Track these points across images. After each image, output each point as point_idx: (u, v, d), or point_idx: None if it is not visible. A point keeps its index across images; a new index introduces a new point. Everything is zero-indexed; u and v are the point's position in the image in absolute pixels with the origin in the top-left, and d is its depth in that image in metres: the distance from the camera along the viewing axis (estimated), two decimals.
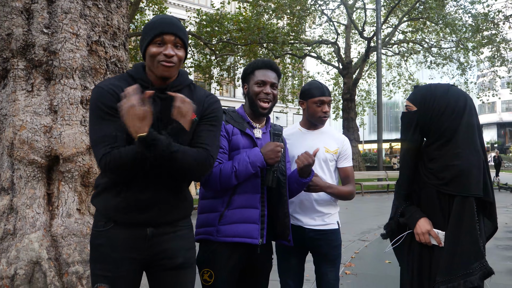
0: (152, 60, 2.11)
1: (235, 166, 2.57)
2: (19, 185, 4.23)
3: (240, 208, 2.66)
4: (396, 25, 25.88)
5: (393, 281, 5.57)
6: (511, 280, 5.79)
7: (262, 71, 2.81)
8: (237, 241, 2.64)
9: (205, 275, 2.66)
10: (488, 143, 59.60)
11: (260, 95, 2.77)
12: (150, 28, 2.13)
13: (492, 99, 29.68)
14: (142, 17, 20.18)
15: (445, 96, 2.47)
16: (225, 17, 18.82)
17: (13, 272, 4.02)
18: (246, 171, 2.58)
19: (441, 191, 2.43)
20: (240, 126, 2.75)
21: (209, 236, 2.67)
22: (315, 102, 3.19)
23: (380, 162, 22.91)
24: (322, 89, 3.21)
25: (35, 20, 4.12)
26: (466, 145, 2.39)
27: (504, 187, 21.53)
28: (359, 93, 33.08)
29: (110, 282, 2.17)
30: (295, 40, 22.02)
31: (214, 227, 2.65)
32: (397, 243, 2.67)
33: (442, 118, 2.43)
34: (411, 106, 2.56)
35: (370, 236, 9.01)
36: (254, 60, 2.90)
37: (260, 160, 2.59)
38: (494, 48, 24.27)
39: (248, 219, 2.67)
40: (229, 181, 2.58)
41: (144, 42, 2.13)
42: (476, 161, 2.37)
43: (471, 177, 2.34)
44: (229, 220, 2.64)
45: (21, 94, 4.15)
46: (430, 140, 2.51)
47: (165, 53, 2.08)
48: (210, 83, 22.85)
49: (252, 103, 2.81)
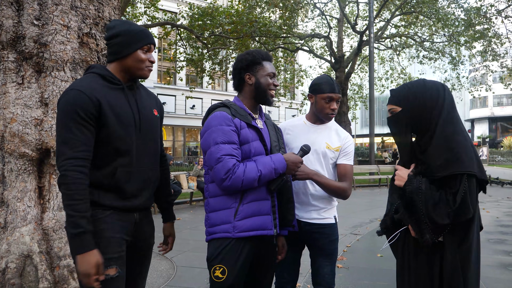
0: (140, 64, 2.45)
1: (260, 170, 2.56)
2: (10, 178, 4.20)
3: (253, 201, 2.65)
4: (388, 19, 25.88)
5: (384, 274, 5.60)
6: (502, 274, 5.83)
7: (269, 64, 2.85)
8: (254, 235, 2.63)
9: (217, 272, 2.63)
10: (479, 137, 60.00)
11: (271, 86, 2.81)
12: (140, 36, 2.45)
13: (484, 94, 29.83)
14: (133, 9, 20.08)
15: (423, 89, 2.52)
16: (217, 10, 18.75)
17: (4, 265, 4.00)
18: (269, 177, 2.59)
19: (435, 178, 2.43)
20: (246, 119, 2.73)
21: (225, 234, 2.63)
22: (323, 98, 3.17)
23: (372, 156, 23.02)
24: (332, 85, 3.18)
25: (25, 11, 4.08)
26: (450, 130, 2.42)
27: (495, 181, 21.67)
28: (351, 87, 33.12)
29: (118, 264, 2.33)
30: (288, 33, 21.98)
31: (231, 224, 2.62)
32: (393, 239, 2.68)
33: (425, 111, 2.47)
34: (395, 108, 2.59)
35: (362, 230, 9.04)
36: (257, 50, 2.87)
37: (284, 168, 2.62)
38: (486, 42, 24.38)
39: (262, 211, 2.66)
40: (252, 184, 2.56)
41: (133, 47, 2.43)
42: (462, 142, 2.40)
43: (461, 157, 2.36)
44: (244, 214, 2.62)
45: (12, 86, 4.11)
46: (420, 135, 2.54)
47: (151, 60, 2.50)
48: (202, 77, 22.82)
49: (262, 93, 2.81)
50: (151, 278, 5.33)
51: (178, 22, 20.10)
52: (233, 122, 2.65)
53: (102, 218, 2.32)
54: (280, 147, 2.88)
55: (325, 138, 3.25)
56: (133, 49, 2.42)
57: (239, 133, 2.66)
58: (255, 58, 2.82)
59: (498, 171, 29.86)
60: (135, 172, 2.43)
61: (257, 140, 2.72)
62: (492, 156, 47.12)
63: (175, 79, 36.74)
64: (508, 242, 7.94)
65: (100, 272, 2.15)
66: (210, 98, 39.68)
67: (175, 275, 5.71)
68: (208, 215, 2.74)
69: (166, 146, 39.96)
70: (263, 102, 2.84)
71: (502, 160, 46.76)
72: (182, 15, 20.33)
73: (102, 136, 2.30)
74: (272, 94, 2.82)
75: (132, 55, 2.42)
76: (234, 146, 2.60)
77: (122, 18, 6.08)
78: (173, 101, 38.43)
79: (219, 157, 2.54)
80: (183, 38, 20.39)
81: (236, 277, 2.63)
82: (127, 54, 2.42)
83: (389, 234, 2.72)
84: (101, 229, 2.29)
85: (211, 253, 2.67)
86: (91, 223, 2.17)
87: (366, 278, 5.59)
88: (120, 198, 2.39)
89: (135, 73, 2.47)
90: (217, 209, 2.68)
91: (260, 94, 2.81)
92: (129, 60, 2.43)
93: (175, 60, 22.28)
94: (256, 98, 2.83)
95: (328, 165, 3.25)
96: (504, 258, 6.66)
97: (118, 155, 2.36)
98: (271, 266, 2.93)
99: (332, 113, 3.21)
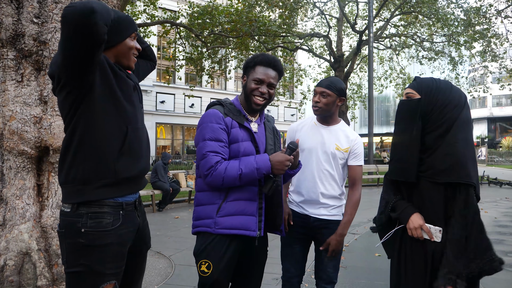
0: (128, 51, 2.40)
1: (241, 169, 2.57)
2: (9, 176, 4.20)
3: (238, 200, 2.67)
4: (388, 18, 25.86)
5: (382, 274, 5.62)
6: (499, 274, 5.81)
7: (263, 68, 2.78)
8: (235, 233, 2.65)
9: (203, 266, 2.67)
10: (478, 137, 59.99)
11: (255, 92, 2.76)
12: (129, 23, 2.39)
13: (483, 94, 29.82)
14: (133, 8, 20.05)
15: (450, 90, 2.53)
16: (216, 9, 18.71)
17: (3, 263, 4.00)
18: (251, 176, 2.59)
19: (436, 181, 2.45)
20: (238, 119, 2.74)
21: (207, 229, 2.67)
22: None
23: (371, 156, 23.00)
24: (319, 81, 3.31)
25: (25, 9, 4.08)
26: (462, 137, 2.43)
27: (493, 181, 21.69)
28: (351, 87, 33.10)
29: (117, 278, 2.27)
30: (287, 33, 21.96)
31: (212, 219, 2.66)
32: (388, 237, 2.69)
33: (444, 110, 2.48)
34: (414, 94, 2.57)
35: (360, 229, 9.05)
36: (258, 54, 2.85)
37: (267, 168, 2.60)
38: (485, 43, 24.36)
39: (246, 211, 2.68)
40: (233, 182, 2.59)
41: (123, 35, 2.37)
42: (469, 152, 2.42)
43: (467, 166, 2.38)
44: (227, 212, 2.65)
45: (11, 84, 4.11)
46: (427, 130, 2.53)
47: (137, 47, 2.46)
48: (201, 76, 22.74)
49: (247, 97, 2.81)
50: (149, 276, 5.33)
51: (178, 20, 20.04)
52: (223, 120, 2.68)
53: (111, 230, 2.23)
54: (275, 150, 2.88)
55: (334, 139, 3.30)
56: (123, 37, 2.37)
57: (229, 132, 2.69)
58: (250, 61, 2.83)
59: (496, 172, 29.87)
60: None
61: (248, 141, 2.74)
62: (490, 156, 47.13)
63: (174, 77, 36.68)
64: (506, 242, 7.95)
65: None
66: (209, 97, 39.64)
67: (173, 274, 5.71)
68: (195, 208, 2.79)
69: (165, 144, 39.97)
70: (248, 105, 2.83)
71: (501, 161, 46.78)
72: (182, 13, 20.29)
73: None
74: (256, 101, 2.77)
75: (122, 44, 2.37)
76: (221, 144, 2.63)
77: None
78: (172, 99, 38.38)
79: (204, 153, 2.60)
80: (183, 37, 20.34)
81: (221, 272, 2.66)
82: (116, 43, 2.35)
83: (383, 231, 2.73)
84: (109, 243, 2.21)
85: (197, 247, 2.71)
86: None
87: (364, 277, 5.60)
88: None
89: (122, 61, 2.40)
90: (203, 204, 2.73)
91: (246, 97, 2.82)
92: (119, 48, 2.36)
93: (175, 58, 22.21)
94: (246, 100, 2.84)
95: (338, 166, 3.31)
96: (502, 259, 6.66)
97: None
98: (259, 265, 2.94)
99: (315, 105, 3.27)
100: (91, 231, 2.17)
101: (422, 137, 2.54)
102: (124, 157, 2.28)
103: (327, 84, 3.24)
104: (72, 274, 2.18)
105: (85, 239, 2.15)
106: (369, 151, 23.03)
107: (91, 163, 2.20)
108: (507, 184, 21.06)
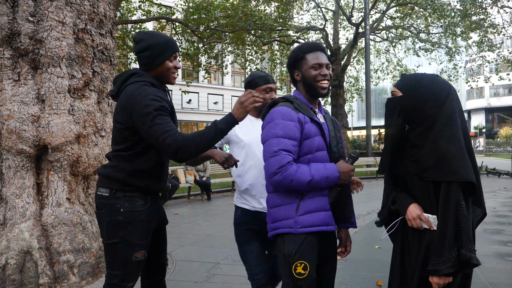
0: (167, 72, 2.84)
1: (313, 175, 2.51)
2: (8, 175, 4.21)
3: (314, 197, 2.63)
4: (384, 10, 25.83)
5: (382, 266, 5.64)
6: (499, 264, 5.87)
7: (313, 54, 2.77)
8: (317, 230, 2.61)
9: (299, 268, 2.57)
10: (476, 128, 60.05)
11: (318, 77, 2.73)
12: (167, 47, 2.80)
13: (481, 84, 29.83)
14: (128, 4, 19.99)
15: (431, 85, 2.52)
16: (212, 4, 18.67)
17: (4, 262, 4.01)
18: (319, 184, 2.54)
19: (422, 178, 2.48)
20: (309, 114, 2.70)
21: (288, 229, 2.60)
22: (264, 89, 3.28)
23: (369, 148, 23.02)
24: (266, 77, 3.29)
25: (20, 8, 4.07)
26: (446, 133, 2.43)
27: (492, 172, 21.74)
28: (348, 80, 33.09)
29: (146, 249, 2.77)
30: (283, 26, 21.93)
31: (293, 219, 2.60)
32: (392, 229, 2.71)
33: (425, 105, 2.48)
34: (397, 92, 2.61)
35: (360, 222, 9.06)
36: (299, 45, 2.84)
37: (336, 179, 2.57)
38: (482, 33, 24.33)
39: (324, 207, 2.64)
40: (301, 186, 2.53)
41: (160, 59, 2.78)
42: (454, 148, 2.41)
43: (450, 163, 2.38)
44: (306, 209, 2.60)
45: (8, 83, 4.11)
46: (412, 126, 2.56)
47: (177, 66, 2.88)
48: (198, 71, 22.70)
49: (311, 86, 2.76)
50: None
51: (173, 16, 20.00)
52: (297, 117, 2.63)
53: (142, 210, 2.73)
54: (337, 141, 2.83)
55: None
56: (161, 60, 2.78)
57: (302, 128, 2.63)
58: (297, 54, 2.80)
59: (495, 162, 29.93)
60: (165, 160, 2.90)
61: (318, 135, 2.68)
62: (488, 146, 47.22)
63: None
64: (505, 232, 7.98)
65: None
66: (206, 92, 39.58)
67: (174, 269, 5.73)
68: (269, 210, 2.72)
69: None
70: (314, 95, 2.79)
71: (499, 151, 46.88)
72: (177, 9, 20.24)
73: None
74: (322, 85, 2.74)
75: (161, 66, 2.80)
76: (294, 143, 2.57)
77: (117, 13, 6.00)
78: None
79: (276, 150, 2.51)
80: (178, 33, 20.31)
81: (314, 272, 2.61)
82: (156, 65, 2.78)
83: (387, 224, 2.75)
84: (140, 219, 2.71)
85: (290, 249, 2.60)
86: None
87: (364, 270, 5.62)
88: (156, 183, 2.83)
89: (163, 80, 2.86)
90: (277, 205, 2.67)
91: (309, 88, 2.77)
92: (158, 69, 2.81)
93: None
94: (309, 92, 2.79)
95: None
96: (501, 248, 6.69)
97: None
98: (334, 262, 2.91)
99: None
100: (127, 210, 2.69)
101: (408, 133, 2.57)
102: (152, 179, 2.81)
103: (272, 79, 3.32)
104: (111, 245, 2.70)
105: (123, 216, 2.68)
106: (367, 144, 23.07)
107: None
108: (506, 174, 21.12)
